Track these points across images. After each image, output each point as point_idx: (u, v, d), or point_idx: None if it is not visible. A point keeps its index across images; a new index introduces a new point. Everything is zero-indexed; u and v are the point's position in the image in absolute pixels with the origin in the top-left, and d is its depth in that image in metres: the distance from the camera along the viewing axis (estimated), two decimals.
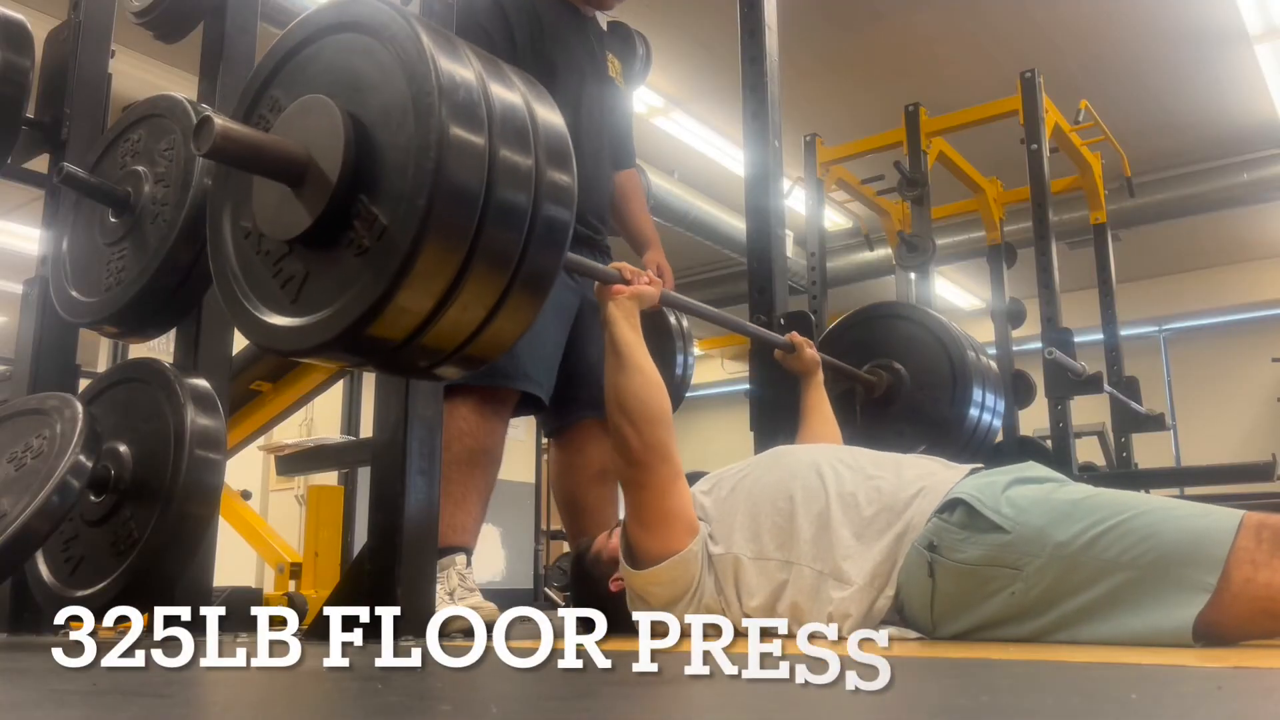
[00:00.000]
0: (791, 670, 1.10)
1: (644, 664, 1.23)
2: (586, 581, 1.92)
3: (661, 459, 1.71)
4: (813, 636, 1.58)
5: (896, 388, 3.02)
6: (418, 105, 1.27)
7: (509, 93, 1.38)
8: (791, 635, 1.61)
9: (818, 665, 1.17)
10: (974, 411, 3.08)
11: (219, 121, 1.30)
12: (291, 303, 1.38)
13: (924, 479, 1.63)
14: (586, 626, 1.97)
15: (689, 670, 1.14)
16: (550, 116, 1.43)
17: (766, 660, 1.23)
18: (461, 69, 1.32)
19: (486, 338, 1.38)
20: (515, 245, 1.33)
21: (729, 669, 1.15)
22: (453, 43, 1.36)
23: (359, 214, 1.30)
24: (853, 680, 1.00)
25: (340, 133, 1.31)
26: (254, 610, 2.70)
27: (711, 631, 1.69)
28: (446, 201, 1.25)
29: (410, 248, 1.24)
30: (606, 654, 1.36)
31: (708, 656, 1.29)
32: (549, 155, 1.39)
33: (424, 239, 1.24)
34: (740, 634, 1.69)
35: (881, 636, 1.53)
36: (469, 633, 2.01)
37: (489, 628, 2.03)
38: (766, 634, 1.66)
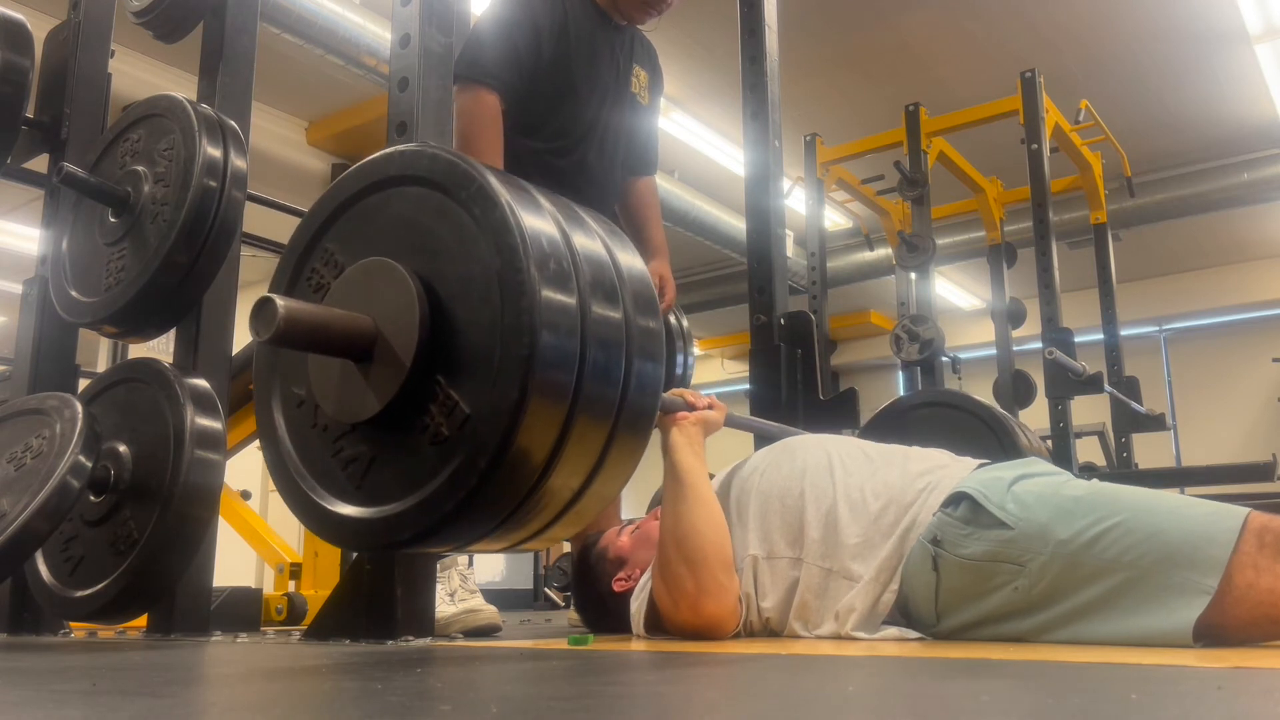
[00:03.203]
0: (792, 671, 1.10)
1: (644, 664, 1.23)
2: (589, 577, 1.92)
3: (718, 603, 1.59)
4: (816, 637, 1.59)
5: None
6: (505, 281, 1.13)
7: (591, 242, 1.26)
8: (796, 635, 1.62)
9: (819, 665, 1.17)
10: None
11: (282, 304, 1.14)
12: (356, 488, 1.23)
13: (930, 473, 1.63)
14: (588, 625, 1.98)
15: (689, 670, 1.14)
16: (632, 261, 1.30)
17: (766, 660, 1.23)
18: (545, 226, 1.19)
19: (578, 509, 1.25)
20: (610, 410, 1.20)
21: (728, 670, 1.15)
22: (530, 196, 1.23)
23: (435, 398, 1.16)
24: (853, 680, 1.00)
25: (414, 306, 1.17)
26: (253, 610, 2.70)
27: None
28: (541, 389, 1.11)
29: (500, 442, 1.10)
30: (607, 654, 1.36)
31: (707, 658, 1.29)
32: (636, 303, 1.26)
33: (515, 432, 1.10)
34: (750, 634, 1.69)
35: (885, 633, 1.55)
36: (469, 633, 2.01)
37: (489, 630, 2.04)
38: (772, 635, 1.67)
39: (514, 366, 1.11)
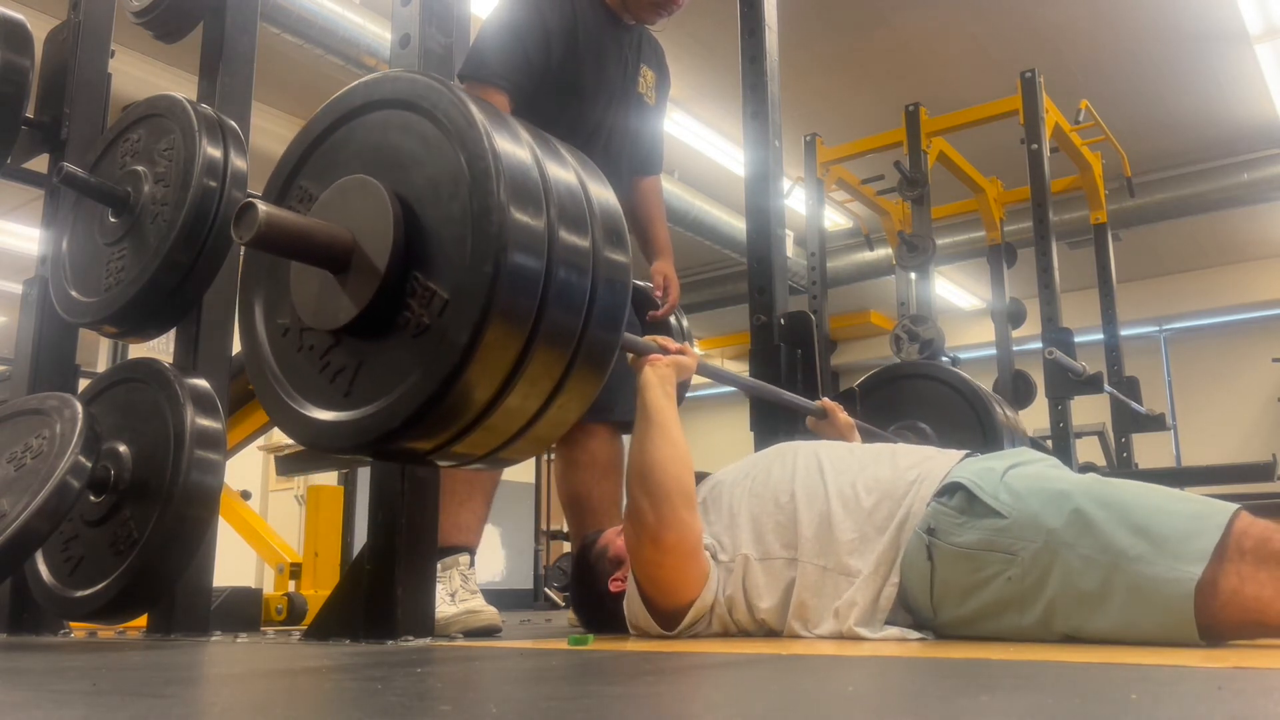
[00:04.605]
0: (792, 671, 1.10)
1: (644, 664, 1.23)
2: (589, 577, 1.92)
3: (678, 536, 1.63)
4: (816, 636, 1.59)
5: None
6: (474, 171, 1.20)
7: (563, 170, 1.33)
8: (796, 635, 1.62)
9: (819, 666, 1.17)
10: None
11: (263, 208, 1.20)
12: (345, 396, 1.28)
13: (919, 465, 1.65)
14: (587, 625, 1.98)
15: (689, 670, 1.14)
16: (604, 194, 1.37)
17: (767, 660, 1.23)
18: (508, 128, 1.26)
19: (548, 418, 1.30)
20: (578, 312, 1.26)
21: (728, 670, 1.15)
22: (502, 116, 1.30)
23: (413, 293, 1.23)
24: (853, 680, 1.00)
25: (387, 211, 1.24)
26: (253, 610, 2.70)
27: (719, 632, 1.70)
28: (511, 267, 1.17)
29: (479, 318, 1.16)
30: (606, 654, 1.36)
31: (707, 658, 1.29)
32: (606, 234, 1.33)
33: (492, 308, 1.16)
34: (745, 634, 1.69)
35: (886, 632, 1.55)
36: (469, 634, 2.01)
37: (489, 632, 2.04)
38: (771, 634, 1.67)
39: (487, 244, 1.18)
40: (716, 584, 1.68)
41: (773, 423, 2.52)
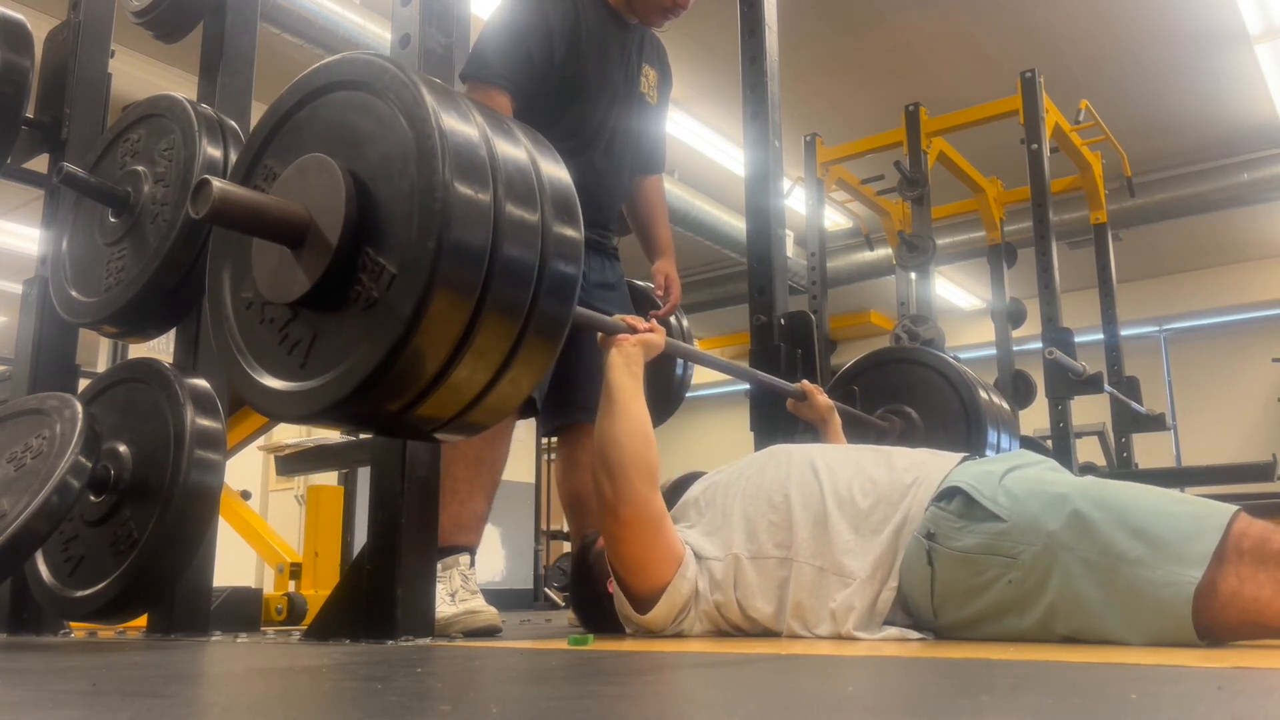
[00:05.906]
0: (791, 671, 1.10)
1: (644, 664, 1.23)
2: (588, 577, 1.92)
3: (635, 510, 1.65)
4: (815, 637, 1.59)
5: (909, 433, 2.98)
6: (420, 149, 1.25)
7: (513, 148, 1.36)
8: (795, 635, 1.62)
9: (819, 666, 1.17)
10: (990, 454, 3.04)
11: (217, 184, 1.26)
12: (301, 367, 1.34)
13: (916, 469, 1.65)
14: (587, 625, 1.98)
15: (688, 670, 1.14)
16: (556, 171, 1.41)
17: (766, 660, 1.23)
18: (461, 121, 1.30)
19: (500, 390, 1.34)
20: (526, 286, 1.30)
21: (728, 670, 1.15)
22: (452, 94, 1.35)
23: (364, 267, 1.27)
24: (852, 680, 1.00)
25: (340, 188, 1.29)
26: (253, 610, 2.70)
27: (711, 631, 1.70)
28: (454, 242, 1.21)
29: (423, 291, 1.20)
30: (606, 654, 1.36)
31: (706, 658, 1.29)
32: (556, 210, 1.36)
33: (436, 281, 1.20)
34: (741, 634, 1.69)
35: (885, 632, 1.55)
36: (469, 634, 2.01)
37: (489, 632, 2.04)
38: (767, 634, 1.67)
39: (431, 220, 1.22)
40: (697, 575, 1.68)
41: (772, 422, 2.52)
